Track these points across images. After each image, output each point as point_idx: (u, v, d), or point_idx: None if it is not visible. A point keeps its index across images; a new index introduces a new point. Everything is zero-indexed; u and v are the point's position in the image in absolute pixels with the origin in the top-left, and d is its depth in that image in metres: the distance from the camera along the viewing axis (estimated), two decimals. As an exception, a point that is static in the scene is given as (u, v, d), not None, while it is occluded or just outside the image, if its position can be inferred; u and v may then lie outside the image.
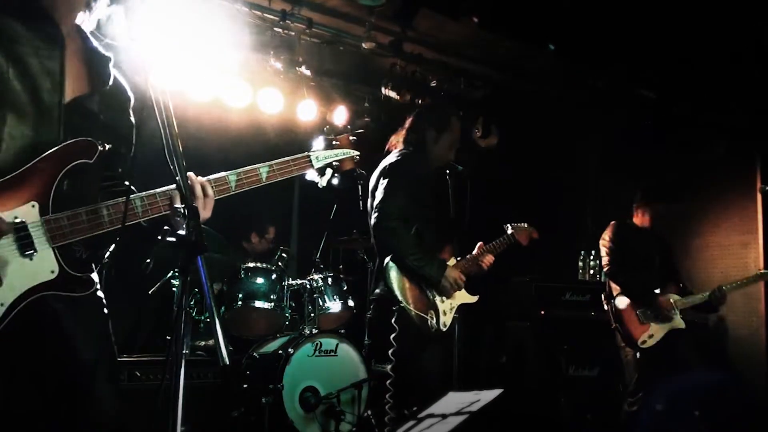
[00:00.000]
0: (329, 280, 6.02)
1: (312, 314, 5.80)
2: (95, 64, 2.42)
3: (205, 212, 2.40)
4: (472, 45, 6.61)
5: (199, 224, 2.05)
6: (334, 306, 5.93)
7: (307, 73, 6.63)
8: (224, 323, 5.66)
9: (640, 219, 5.93)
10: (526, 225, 4.96)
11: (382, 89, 6.86)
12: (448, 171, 4.71)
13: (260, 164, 2.57)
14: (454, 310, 4.43)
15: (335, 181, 2.92)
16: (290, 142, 7.05)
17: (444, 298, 4.37)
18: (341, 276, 6.18)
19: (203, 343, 5.68)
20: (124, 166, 2.50)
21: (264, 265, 5.96)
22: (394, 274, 4.21)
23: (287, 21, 5.95)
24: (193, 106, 6.34)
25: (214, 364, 5.20)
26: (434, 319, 4.27)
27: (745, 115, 6.86)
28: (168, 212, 2.36)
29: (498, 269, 4.74)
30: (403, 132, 4.66)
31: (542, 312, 6.63)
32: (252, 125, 6.83)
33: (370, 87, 7.26)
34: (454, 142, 4.69)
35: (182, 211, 2.14)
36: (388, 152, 4.63)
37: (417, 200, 4.36)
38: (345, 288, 6.11)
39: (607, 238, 5.88)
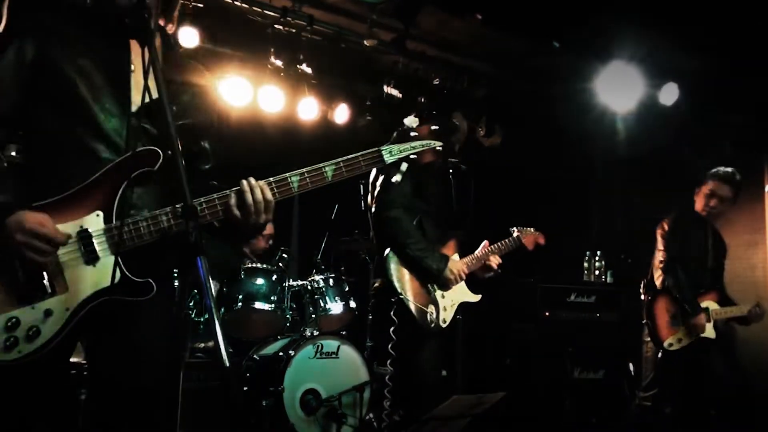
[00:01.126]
0: (330, 281, 6.00)
1: (313, 316, 5.78)
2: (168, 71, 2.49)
3: (267, 215, 2.42)
4: (476, 42, 6.60)
5: (198, 224, 2.05)
6: (336, 307, 5.92)
7: (308, 71, 6.62)
8: (224, 325, 5.65)
9: (699, 207, 5.70)
10: (532, 230, 4.95)
11: (384, 87, 6.85)
12: (452, 170, 4.70)
13: (326, 162, 2.49)
14: (455, 306, 4.41)
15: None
16: (291, 141, 7.04)
17: (444, 293, 4.35)
18: (343, 277, 6.16)
19: (203, 345, 5.67)
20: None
21: (264, 266, 5.95)
22: (393, 265, 4.20)
23: (288, 18, 5.94)
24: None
25: (214, 367, 5.19)
26: (434, 314, 4.25)
27: (751, 114, 6.84)
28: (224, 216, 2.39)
29: (502, 270, 4.73)
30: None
31: (547, 313, 6.62)
32: (252, 124, 6.82)
33: (371, 85, 7.25)
34: (459, 140, 4.67)
35: (179, 210, 2.16)
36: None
37: (420, 193, 4.35)
38: (346, 289, 6.10)
39: (666, 227, 5.71)
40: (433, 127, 2.67)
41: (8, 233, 2.11)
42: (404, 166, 2.65)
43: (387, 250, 4.24)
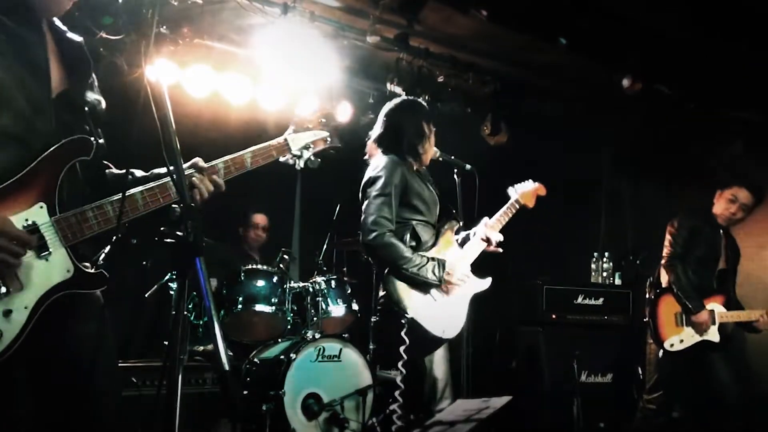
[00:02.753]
0: (332, 282, 6.00)
1: (315, 318, 5.78)
2: (75, 59, 2.51)
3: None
4: (481, 39, 6.59)
5: (197, 224, 2.06)
6: (338, 310, 5.92)
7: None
8: (224, 327, 5.65)
9: (718, 211, 5.74)
10: (530, 182, 4.91)
11: (388, 85, 6.85)
12: (456, 169, 4.69)
13: (244, 150, 2.79)
14: (467, 301, 4.37)
15: (312, 164, 3.11)
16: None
17: (452, 297, 4.31)
18: (345, 278, 6.17)
19: (202, 348, 5.67)
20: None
21: (265, 267, 5.96)
22: (395, 285, 4.18)
23: (289, 14, 5.94)
24: (190, 101, 6.34)
25: (214, 370, 5.19)
26: (448, 319, 4.23)
27: (762, 112, 6.83)
28: (168, 203, 2.49)
29: (507, 271, 4.71)
30: (379, 132, 4.54)
31: (553, 316, 6.62)
32: (252, 122, 6.82)
33: (374, 82, 7.24)
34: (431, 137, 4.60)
35: (179, 211, 2.20)
36: (366, 162, 4.56)
37: (406, 205, 4.33)
38: (349, 291, 6.10)
39: (675, 224, 5.75)
40: (321, 119, 3.10)
41: None
42: (305, 154, 3.03)
43: (386, 271, 4.23)
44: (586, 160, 8.05)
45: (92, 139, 2.38)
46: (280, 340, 5.73)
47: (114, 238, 2.38)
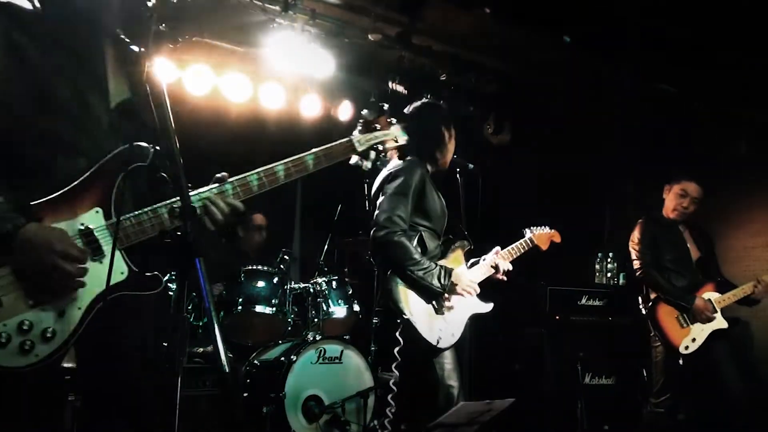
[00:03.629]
0: (333, 283, 5.99)
1: (315, 319, 5.78)
2: (131, 66, 2.54)
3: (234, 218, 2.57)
4: (484, 37, 6.59)
5: (196, 224, 2.07)
6: (339, 311, 5.91)
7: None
8: (224, 329, 5.65)
9: (670, 207, 5.81)
10: (547, 228, 4.93)
11: (389, 83, 6.85)
12: (458, 169, 4.67)
13: (306, 153, 2.72)
14: (464, 320, 4.36)
15: (381, 165, 3.06)
16: (293, 139, 7.04)
17: (453, 307, 4.30)
18: (346, 279, 6.16)
19: (201, 349, 5.66)
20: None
21: (265, 268, 5.94)
22: (396, 286, 4.17)
23: (289, 12, 5.94)
24: (190, 99, 6.34)
25: (213, 372, 5.18)
26: (443, 330, 4.21)
27: (767, 111, 6.83)
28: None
29: (509, 275, 4.71)
30: None
31: (557, 317, 6.60)
32: (252, 121, 6.82)
33: (376, 81, 7.24)
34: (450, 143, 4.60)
35: (177, 211, 2.30)
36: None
37: (420, 210, 4.32)
38: (350, 292, 6.09)
39: (636, 238, 5.82)
40: (389, 119, 2.99)
41: (29, 249, 2.14)
42: (373, 155, 2.94)
43: (389, 271, 4.22)
44: (589, 159, 8.04)
45: (149, 146, 2.44)
46: (280, 341, 5.73)
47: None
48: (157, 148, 2.47)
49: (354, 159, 2.93)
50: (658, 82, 6.98)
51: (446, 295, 4.19)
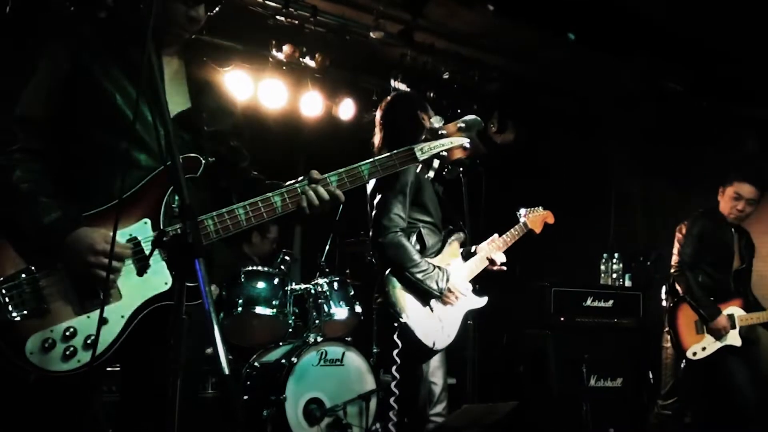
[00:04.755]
0: (335, 284, 5.99)
1: (317, 321, 5.77)
2: (201, 80, 2.70)
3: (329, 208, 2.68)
4: (488, 34, 6.59)
5: (196, 225, 2.06)
6: (341, 312, 5.90)
7: (312, 64, 6.61)
8: (223, 330, 5.64)
9: (725, 210, 5.72)
10: (540, 209, 4.90)
11: (392, 81, 6.85)
12: (462, 168, 4.67)
13: (362, 162, 2.71)
14: (460, 318, 4.36)
15: (450, 175, 2.98)
16: (294, 138, 7.04)
17: (447, 309, 4.30)
18: (348, 280, 6.15)
19: (201, 351, 5.66)
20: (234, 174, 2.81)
21: (266, 269, 5.94)
22: (393, 287, 4.17)
23: (290, 9, 5.94)
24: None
25: (213, 375, 5.18)
26: (439, 331, 4.21)
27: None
28: (272, 217, 2.57)
29: (515, 272, 4.70)
30: (380, 136, 4.51)
31: (562, 318, 6.60)
32: (253, 119, 6.82)
33: (378, 79, 7.24)
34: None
35: (176, 210, 2.37)
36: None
37: (417, 205, 4.32)
38: (352, 293, 6.08)
39: (683, 231, 5.73)
40: (459, 125, 2.87)
41: (75, 252, 2.25)
42: (436, 163, 2.84)
43: (387, 271, 4.22)
44: (595, 158, 8.04)
45: (200, 157, 2.52)
46: (281, 343, 5.72)
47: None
48: (211, 159, 2.56)
49: (418, 168, 2.87)
50: (664, 80, 6.97)
51: (443, 298, 4.20)
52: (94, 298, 2.28)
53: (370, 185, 4.43)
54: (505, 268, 4.54)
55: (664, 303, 5.76)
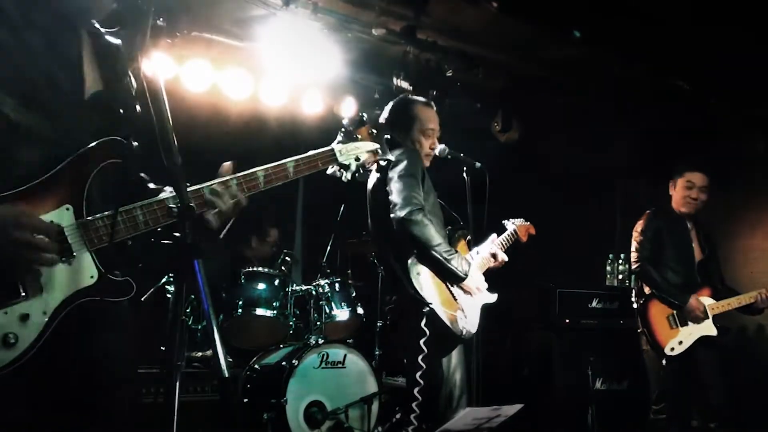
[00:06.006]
0: (336, 285, 6.00)
1: (318, 323, 5.78)
2: (109, 59, 2.49)
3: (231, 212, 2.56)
4: (492, 32, 6.57)
5: (195, 225, 2.05)
6: (342, 314, 5.91)
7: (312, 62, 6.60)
8: (223, 332, 5.65)
9: (679, 201, 5.82)
10: (523, 220, 5.03)
11: (394, 79, 6.84)
12: (465, 168, 4.68)
13: (287, 159, 2.70)
14: (479, 309, 4.40)
15: (361, 177, 3.00)
16: (294, 137, 7.03)
17: (469, 298, 4.33)
18: (349, 281, 6.17)
19: (200, 354, 5.67)
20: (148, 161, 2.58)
21: (266, 270, 5.95)
22: (419, 273, 4.17)
23: (291, 5, 5.93)
24: (188, 96, 6.34)
25: (213, 377, 5.19)
26: (465, 319, 4.24)
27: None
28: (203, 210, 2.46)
29: (519, 273, 4.71)
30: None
31: (567, 320, 6.60)
32: (253, 118, 6.82)
33: (380, 77, 7.23)
34: (427, 131, 4.62)
35: (175, 210, 2.23)
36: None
37: (425, 196, 4.34)
38: (353, 294, 6.09)
39: (638, 230, 5.84)
40: (370, 130, 2.97)
41: None
42: (354, 166, 2.90)
43: (409, 260, 4.21)
44: (600, 157, 8.02)
45: (124, 141, 2.37)
46: (281, 345, 5.73)
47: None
48: (135, 144, 2.42)
49: (331, 169, 2.90)
50: (672, 79, 6.96)
51: (465, 285, 4.22)
52: (11, 290, 2.09)
53: (372, 180, 4.44)
54: (505, 261, 4.59)
55: (634, 305, 5.78)
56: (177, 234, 2.22)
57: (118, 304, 2.32)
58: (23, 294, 2.12)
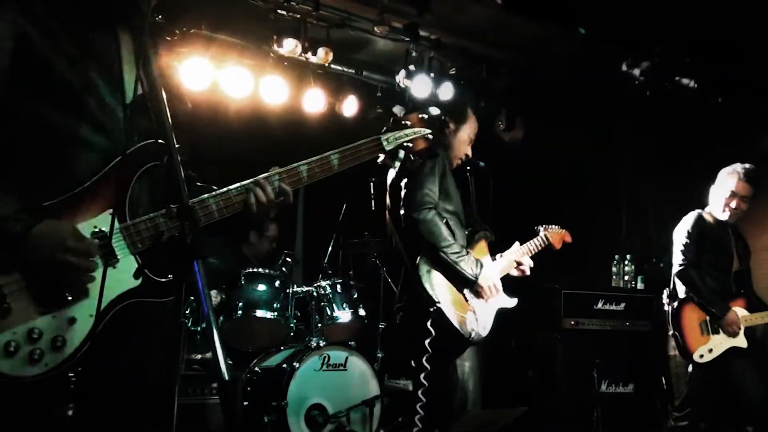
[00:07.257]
0: (338, 287, 5.99)
1: (319, 325, 5.78)
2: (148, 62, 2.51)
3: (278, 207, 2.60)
4: (495, 29, 6.57)
5: (195, 225, 2.06)
6: (344, 315, 5.90)
7: (314, 59, 6.61)
8: (223, 334, 5.64)
9: (717, 206, 5.73)
10: (557, 227, 4.99)
11: (396, 77, 6.84)
12: (469, 167, 4.69)
13: (331, 151, 2.70)
14: (493, 313, 4.40)
15: (411, 165, 2.98)
16: (295, 136, 7.03)
17: (482, 300, 4.32)
18: (351, 282, 6.15)
19: (200, 356, 5.66)
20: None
21: (266, 271, 5.94)
22: (428, 272, 4.17)
23: (292, 2, 5.94)
24: (188, 95, 6.33)
25: (212, 380, 5.18)
26: (474, 322, 4.23)
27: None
28: (242, 209, 2.51)
29: (523, 274, 4.72)
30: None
31: (572, 322, 6.59)
32: (253, 117, 6.82)
33: (382, 75, 7.23)
34: (471, 135, 4.66)
35: (174, 210, 2.24)
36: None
37: (443, 192, 4.35)
38: (355, 296, 6.08)
39: (684, 230, 5.70)
40: (421, 116, 2.91)
41: (42, 247, 2.10)
42: (402, 154, 2.87)
43: (418, 258, 4.21)
44: (606, 157, 8.02)
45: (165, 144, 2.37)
46: (282, 347, 5.72)
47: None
48: (177, 146, 2.39)
49: (381, 158, 2.87)
50: (678, 77, 6.95)
51: (476, 287, 4.22)
52: (60, 296, 2.16)
53: (391, 175, 4.46)
54: (528, 273, 4.59)
55: (666, 307, 5.73)
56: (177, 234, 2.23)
57: (162, 304, 2.37)
58: (70, 298, 2.18)
